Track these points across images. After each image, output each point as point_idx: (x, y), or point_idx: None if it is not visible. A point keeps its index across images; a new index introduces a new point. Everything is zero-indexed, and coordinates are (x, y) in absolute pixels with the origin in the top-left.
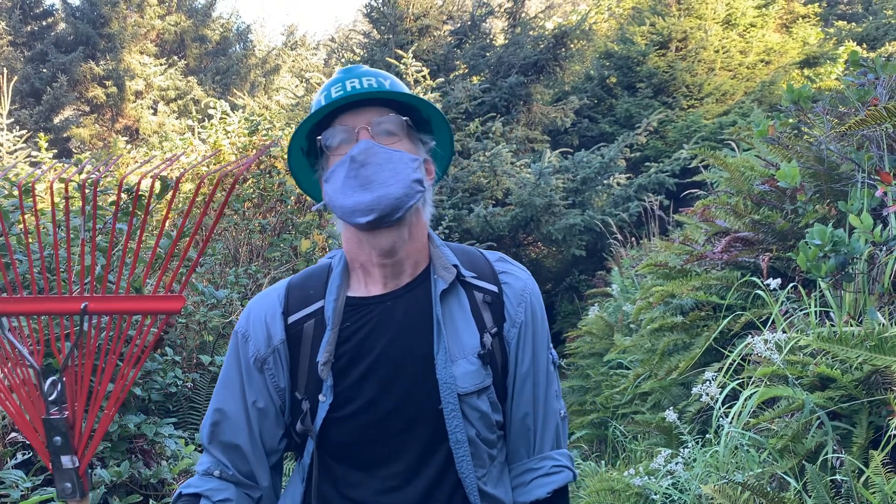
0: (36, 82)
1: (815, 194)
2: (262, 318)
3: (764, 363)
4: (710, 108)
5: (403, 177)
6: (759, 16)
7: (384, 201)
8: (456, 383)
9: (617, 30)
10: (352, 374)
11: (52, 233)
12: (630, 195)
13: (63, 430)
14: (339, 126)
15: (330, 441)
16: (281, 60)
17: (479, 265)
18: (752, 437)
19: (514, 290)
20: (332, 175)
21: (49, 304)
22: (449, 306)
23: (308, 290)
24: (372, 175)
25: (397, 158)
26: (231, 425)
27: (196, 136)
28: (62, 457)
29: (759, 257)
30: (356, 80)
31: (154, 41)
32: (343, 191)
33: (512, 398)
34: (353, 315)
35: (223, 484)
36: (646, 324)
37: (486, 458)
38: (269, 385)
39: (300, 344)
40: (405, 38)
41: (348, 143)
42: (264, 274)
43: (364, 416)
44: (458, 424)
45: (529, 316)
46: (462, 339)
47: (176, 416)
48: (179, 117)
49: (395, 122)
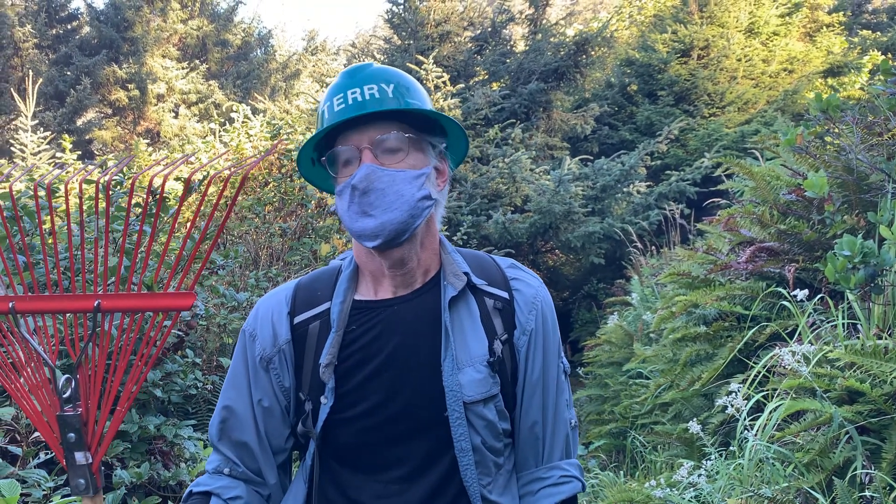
0: (60, 85)
1: (843, 204)
2: (268, 318)
3: (790, 375)
4: (732, 116)
5: (408, 198)
6: (782, 24)
7: (388, 227)
8: (462, 391)
9: (638, 37)
10: (356, 377)
11: (76, 232)
12: (650, 203)
13: (77, 426)
14: (342, 147)
15: (332, 443)
16: (301, 65)
17: (490, 271)
18: (778, 451)
19: (525, 297)
20: (339, 196)
21: (63, 302)
22: (458, 313)
23: (315, 292)
24: (375, 202)
25: (401, 179)
26: (239, 423)
27: (218, 139)
28: (76, 453)
29: (785, 268)
30: (357, 89)
31: (176, 45)
32: (348, 215)
33: (521, 406)
34: (359, 318)
35: (233, 482)
36: (667, 333)
37: (491, 467)
38: (274, 384)
39: (305, 345)
40: (426, 44)
41: (352, 163)
42: (284, 277)
43: (367, 419)
44: (463, 432)
45: (540, 323)
46: (470, 347)
47: (195, 418)
48: (200, 121)
49: (398, 139)
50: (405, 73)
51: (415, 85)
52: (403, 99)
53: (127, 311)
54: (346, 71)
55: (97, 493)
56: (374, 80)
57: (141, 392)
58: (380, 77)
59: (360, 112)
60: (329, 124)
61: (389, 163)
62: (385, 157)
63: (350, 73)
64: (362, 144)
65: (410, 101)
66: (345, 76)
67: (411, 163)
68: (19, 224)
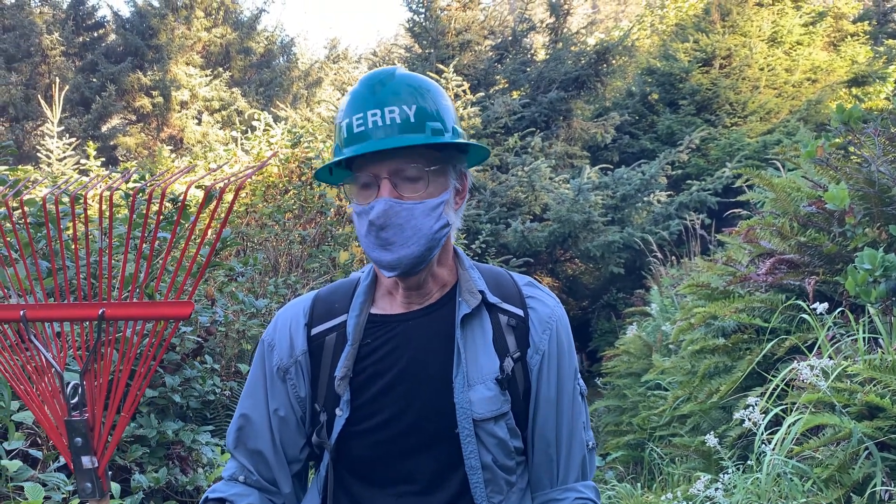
0: (86, 91)
1: (864, 217)
2: (286, 329)
3: (809, 389)
4: (754, 126)
5: (426, 231)
6: (806, 34)
7: (405, 261)
8: (472, 408)
9: (660, 46)
10: (370, 391)
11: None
12: (671, 213)
13: (83, 431)
14: (362, 174)
15: (346, 455)
16: (323, 73)
17: (506, 288)
18: (796, 466)
19: (540, 316)
20: (356, 218)
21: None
22: (471, 330)
23: (333, 304)
24: (392, 237)
25: (419, 213)
26: (254, 432)
27: (239, 146)
28: (82, 457)
29: (805, 280)
30: (378, 111)
31: (200, 53)
32: (365, 243)
33: (533, 426)
34: (374, 332)
35: (247, 489)
36: (686, 345)
37: (503, 485)
38: (290, 394)
39: (321, 356)
40: (446, 53)
41: (370, 188)
42: (303, 284)
43: (380, 432)
44: (472, 450)
45: (554, 345)
46: (481, 364)
47: (213, 424)
48: (223, 128)
49: (419, 170)
50: (429, 81)
51: (438, 100)
52: (425, 124)
53: (129, 319)
54: (368, 81)
55: (103, 497)
56: (395, 98)
57: (160, 397)
58: (402, 94)
59: (377, 148)
60: (347, 155)
61: (408, 194)
62: (404, 186)
63: (371, 87)
64: (381, 174)
65: (431, 124)
66: (366, 88)
67: (431, 191)
68: (48, 230)
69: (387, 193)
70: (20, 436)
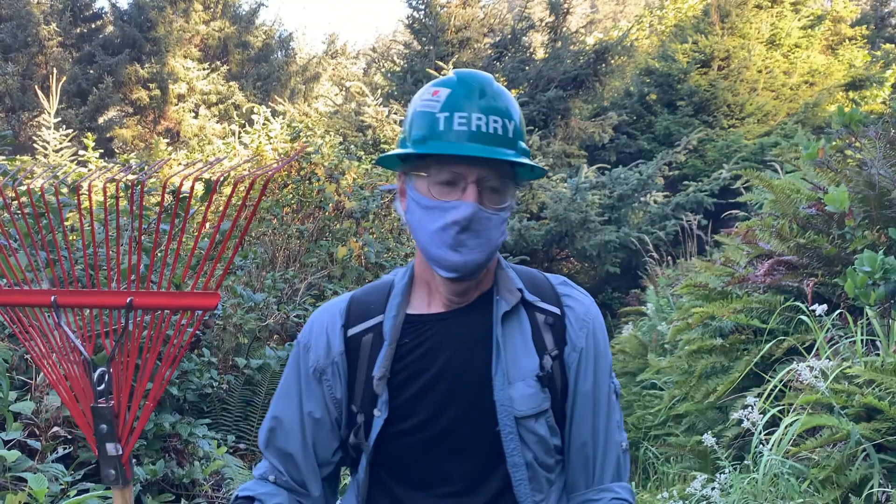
0: (83, 83)
1: (864, 220)
2: (323, 330)
3: (807, 390)
4: (752, 128)
5: (493, 242)
6: (804, 37)
7: (470, 265)
8: (513, 406)
9: (658, 47)
10: (408, 391)
11: (99, 230)
12: (667, 214)
13: (109, 418)
14: (443, 169)
15: (384, 457)
16: (321, 68)
17: (542, 288)
18: (793, 466)
19: (577, 314)
20: (425, 210)
21: (97, 298)
22: (510, 328)
23: (369, 305)
24: (467, 241)
25: (494, 224)
26: (286, 433)
27: (238, 140)
28: (107, 444)
29: (804, 282)
30: (482, 116)
31: (198, 46)
32: (432, 238)
33: (571, 424)
34: (412, 332)
35: (277, 489)
36: (683, 344)
37: (544, 482)
38: (326, 396)
39: (358, 357)
40: (446, 50)
41: (453, 187)
42: (301, 279)
43: (420, 433)
44: (515, 447)
45: (591, 342)
46: (520, 362)
47: (209, 417)
48: (220, 121)
49: (502, 184)
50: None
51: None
52: (517, 141)
53: (156, 308)
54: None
55: (127, 485)
56: (497, 109)
57: None
58: (502, 107)
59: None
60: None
61: (490, 203)
62: (487, 195)
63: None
64: (470, 177)
65: (521, 142)
66: (470, 90)
67: (504, 201)
68: (49, 220)
69: (473, 198)
70: (18, 426)
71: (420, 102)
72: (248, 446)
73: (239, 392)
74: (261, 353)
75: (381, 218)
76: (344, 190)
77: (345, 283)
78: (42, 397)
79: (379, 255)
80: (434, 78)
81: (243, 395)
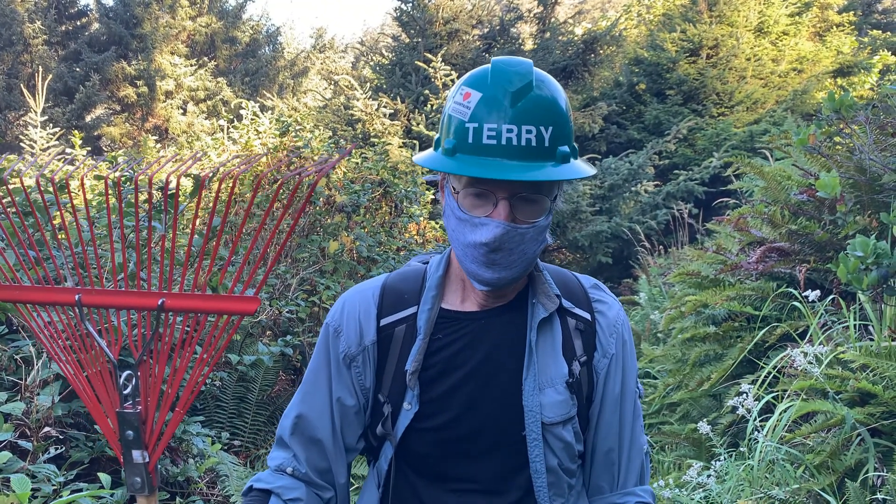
0: (69, 81)
1: (855, 205)
2: (355, 315)
3: (801, 376)
4: (741, 116)
5: (529, 256)
6: (792, 24)
7: (503, 281)
8: (542, 412)
9: (647, 36)
10: (439, 388)
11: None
12: (658, 203)
13: (135, 424)
14: (479, 186)
15: (409, 450)
16: (310, 63)
17: (574, 291)
18: (788, 452)
19: (608, 320)
20: (459, 221)
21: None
22: (543, 333)
23: (402, 294)
24: (499, 260)
25: (529, 238)
26: (315, 419)
27: (227, 136)
28: (133, 451)
29: (796, 268)
30: (514, 128)
31: (185, 42)
32: (465, 253)
33: (595, 430)
34: (445, 327)
35: (294, 482)
36: (676, 333)
37: (565, 488)
38: (355, 382)
39: (389, 347)
40: (434, 42)
41: (485, 201)
42: (293, 274)
43: (446, 431)
44: (538, 453)
45: (620, 349)
46: (550, 368)
47: (203, 415)
48: (209, 118)
49: (538, 196)
50: (560, 88)
51: (568, 114)
52: (556, 148)
53: (190, 311)
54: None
55: (153, 493)
56: (533, 116)
57: None
58: (540, 111)
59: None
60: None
61: (524, 217)
62: (521, 208)
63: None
64: (500, 194)
65: (562, 148)
66: (505, 95)
67: (542, 211)
68: (54, 213)
69: (504, 216)
70: (9, 427)
71: (452, 105)
72: (243, 443)
73: (232, 389)
74: (254, 350)
75: (373, 212)
76: (334, 184)
77: (337, 278)
78: (32, 398)
79: (371, 249)
80: (423, 70)
81: (237, 391)
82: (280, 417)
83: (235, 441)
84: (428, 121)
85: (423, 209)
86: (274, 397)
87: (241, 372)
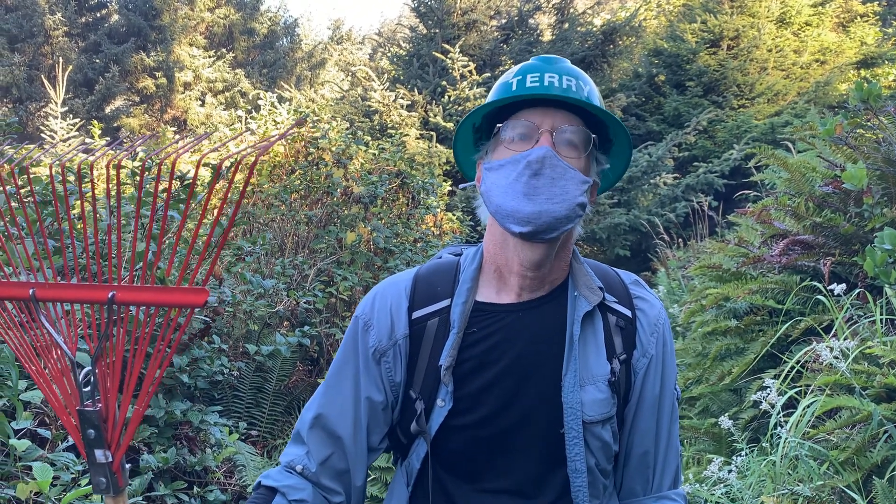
0: (89, 72)
1: (882, 197)
2: (387, 308)
3: (826, 371)
4: (762, 108)
5: (570, 198)
6: (814, 14)
7: (544, 217)
8: (583, 410)
9: (667, 27)
10: (473, 383)
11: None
12: (677, 195)
13: (96, 422)
14: (524, 120)
15: (441, 448)
16: (327, 54)
17: (614, 287)
18: (812, 448)
19: (649, 318)
20: (499, 169)
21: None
22: (584, 328)
23: (435, 286)
24: (541, 187)
25: (570, 176)
26: (338, 414)
27: (244, 126)
28: (96, 451)
29: (821, 261)
30: (556, 75)
31: (203, 34)
32: (505, 191)
33: (631, 432)
34: (480, 321)
35: (302, 482)
36: (697, 326)
37: (601, 488)
38: (384, 378)
39: (422, 341)
40: (452, 33)
41: (527, 140)
42: (310, 265)
43: (481, 428)
44: (578, 452)
45: (661, 348)
46: (592, 365)
47: (221, 404)
48: (227, 109)
49: (582, 136)
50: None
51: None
52: (594, 102)
53: (140, 304)
54: (542, 57)
55: (119, 493)
56: (571, 74)
57: (167, 377)
58: (576, 74)
59: (562, 95)
60: (524, 93)
61: (565, 155)
62: (562, 148)
63: (547, 59)
64: (544, 126)
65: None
66: (541, 60)
67: (581, 166)
68: (57, 206)
69: (547, 143)
70: (28, 415)
71: (499, 79)
72: (260, 433)
73: (250, 379)
74: (271, 340)
75: (390, 203)
76: (352, 175)
77: (354, 269)
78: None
79: (388, 241)
80: (440, 61)
81: (254, 381)
82: (297, 408)
83: (253, 431)
84: (445, 112)
85: (440, 201)
86: (291, 388)
87: (258, 362)
